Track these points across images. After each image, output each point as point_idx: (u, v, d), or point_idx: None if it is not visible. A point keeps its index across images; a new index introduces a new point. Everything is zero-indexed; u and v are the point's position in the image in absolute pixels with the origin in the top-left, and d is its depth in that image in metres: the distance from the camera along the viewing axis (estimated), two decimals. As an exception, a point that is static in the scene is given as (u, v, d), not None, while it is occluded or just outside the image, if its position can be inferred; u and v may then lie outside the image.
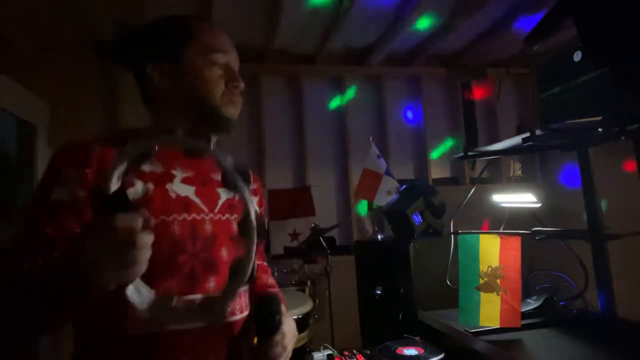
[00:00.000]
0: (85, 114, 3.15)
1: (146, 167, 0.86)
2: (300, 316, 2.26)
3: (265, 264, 1.18)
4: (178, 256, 0.84)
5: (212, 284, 0.86)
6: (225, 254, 0.89)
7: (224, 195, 0.95)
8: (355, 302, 2.13)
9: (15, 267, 0.72)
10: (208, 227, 0.88)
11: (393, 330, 1.55)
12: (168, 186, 0.87)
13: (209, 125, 0.93)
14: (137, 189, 0.83)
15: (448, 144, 4.08)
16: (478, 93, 3.92)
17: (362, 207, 3.78)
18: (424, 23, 3.26)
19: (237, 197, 0.93)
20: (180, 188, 0.88)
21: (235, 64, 0.96)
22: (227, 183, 0.79)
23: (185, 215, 0.86)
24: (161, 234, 0.80)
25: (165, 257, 0.82)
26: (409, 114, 4.08)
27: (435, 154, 4.02)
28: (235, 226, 0.92)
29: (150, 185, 0.85)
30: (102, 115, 3.31)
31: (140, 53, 0.93)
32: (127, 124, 3.55)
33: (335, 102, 3.94)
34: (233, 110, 0.93)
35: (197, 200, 0.89)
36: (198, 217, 0.88)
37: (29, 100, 2.21)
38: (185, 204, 0.87)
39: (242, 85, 0.94)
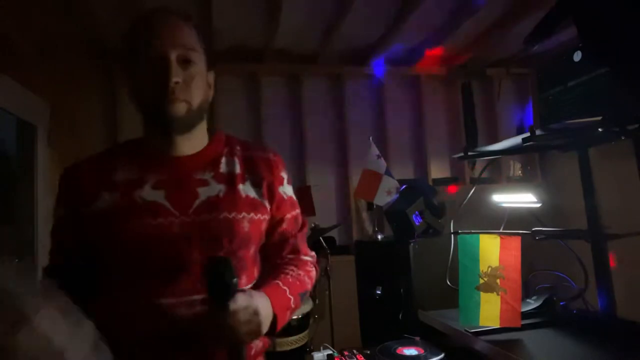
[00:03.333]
0: (85, 114, 3.15)
1: (120, 175, 0.91)
2: (300, 316, 2.26)
3: (305, 258, 1.09)
4: (145, 260, 0.87)
5: (184, 285, 0.86)
6: (197, 254, 0.87)
7: (204, 193, 0.92)
8: (355, 302, 2.13)
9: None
10: (178, 230, 0.87)
11: (393, 330, 1.55)
12: (136, 193, 0.89)
13: (160, 127, 0.91)
14: (102, 201, 0.89)
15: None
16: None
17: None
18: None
19: (221, 194, 0.92)
20: (148, 193, 0.89)
21: (172, 53, 0.87)
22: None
23: (150, 220, 0.86)
24: (127, 240, 0.86)
25: (134, 263, 0.87)
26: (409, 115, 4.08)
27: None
28: (216, 225, 0.89)
29: (117, 195, 0.89)
30: (101, 115, 3.31)
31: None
32: (127, 125, 3.54)
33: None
34: (173, 109, 0.87)
35: (166, 203, 0.88)
36: (165, 221, 0.87)
37: (29, 100, 2.21)
38: (152, 209, 0.87)
39: (173, 81, 0.85)
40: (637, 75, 0.96)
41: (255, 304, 0.82)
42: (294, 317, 2.24)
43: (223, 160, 0.98)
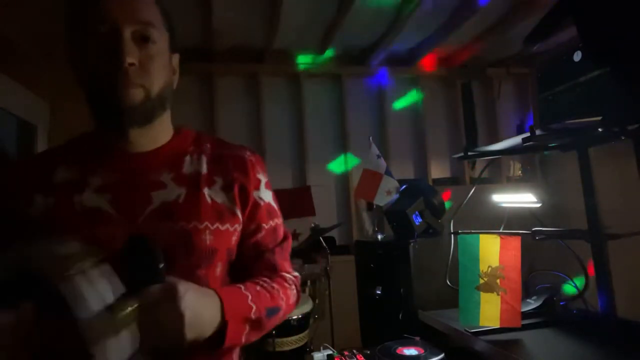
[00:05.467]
0: (85, 114, 3.15)
1: (59, 176, 0.77)
2: (300, 316, 2.26)
3: (284, 274, 0.90)
4: None
5: None
6: None
7: (158, 198, 0.76)
8: (355, 302, 2.13)
9: None
10: (121, 241, 0.69)
11: (393, 330, 1.55)
12: (76, 198, 0.74)
13: (112, 119, 0.75)
14: (35, 207, 0.74)
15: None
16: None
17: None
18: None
19: (180, 199, 0.77)
20: (89, 199, 0.74)
21: (126, 29, 0.72)
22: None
23: (88, 231, 0.71)
24: None
25: None
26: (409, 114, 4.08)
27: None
28: (170, 237, 0.73)
29: (51, 200, 0.74)
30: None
31: None
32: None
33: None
34: (127, 96, 0.72)
35: (110, 210, 0.74)
36: (106, 232, 0.71)
37: (29, 100, 2.21)
38: (92, 218, 0.73)
39: (126, 62, 0.70)
40: (637, 75, 0.96)
41: (181, 292, 0.62)
42: (294, 317, 2.24)
43: (187, 159, 0.82)
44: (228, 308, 0.71)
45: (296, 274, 0.93)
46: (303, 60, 3.81)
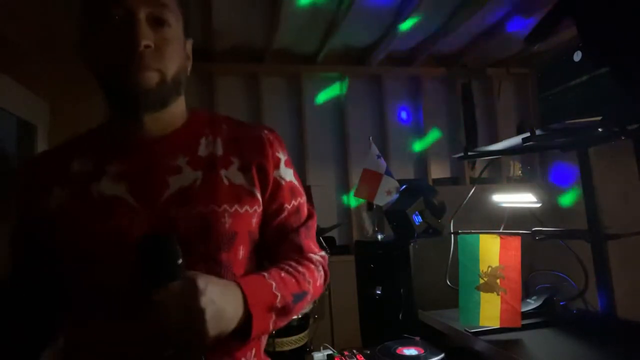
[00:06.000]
0: (85, 114, 3.15)
1: (76, 167, 0.77)
2: (300, 316, 2.26)
3: (311, 255, 0.86)
4: (103, 272, 0.70)
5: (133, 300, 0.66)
6: None
7: (175, 183, 0.74)
8: (355, 302, 2.13)
9: None
10: (141, 231, 0.69)
11: (393, 330, 1.55)
12: (93, 187, 0.73)
13: (127, 104, 0.75)
14: (53, 198, 0.74)
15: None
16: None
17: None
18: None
19: (197, 183, 0.75)
20: (107, 187, 0.73)
21: (141, 10, 0.71)
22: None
23: (108, 220, 0.71)
24: (80, 247, 0.71)
25: (89, 275, 0.72)
26: (405, 114, 4.08)
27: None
28: (187, 223, 0.72)
29: (69, 191, 0.74)
30: (102, 115, 3.30)
31: None
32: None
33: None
34: (143, 79, 0.71)
35: (129, 198, 0.72)
36: (126, 220, 0.71)
37: (29, 100, 2.21)
38: (110, 206, 0.72)
39: (142, 44, 0.69)
40: (637, 75, 0.96)
41: (201, 287, 0.61)
42: (294, 316, 2.24)
43: (202, 141, 0.80)
44: (251, 298, 0.68)
45: (323, 253, 0.90)
46: (303, 60, 3.81)
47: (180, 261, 0.62)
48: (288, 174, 0.87)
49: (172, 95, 0.77)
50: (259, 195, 0.80)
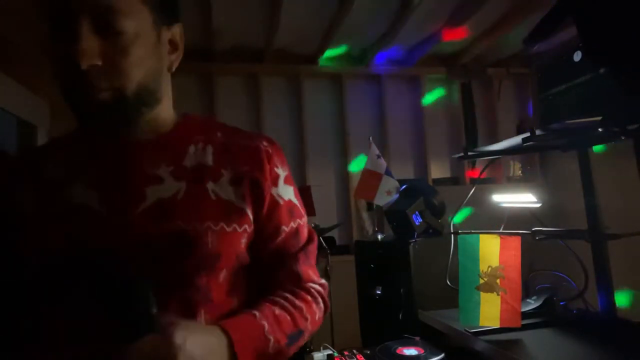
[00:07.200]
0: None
1: (47, 171, 0.69)
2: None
3: (310, 285, 0.79)
4: (66, 289, 0.63)
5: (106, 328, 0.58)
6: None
7: (153, 194, 0.66)
8: (355, 301, 2.13)
9: None
10: (111, 245, 0.63)
11: (393, 330, 1.55)
12: (62, 194, 0.66)
13: (88, 120, 0.66)
14: (20, 205, 0.67)
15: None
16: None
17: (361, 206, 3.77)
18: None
19: (179, 196, 0.67)
20: (77, 194, 0.65)
21: (83, 18, 0.59)
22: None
23: (73, 231, 0.63)
24: (41, 261, 0.64)
25: (52, 292, 0.64)
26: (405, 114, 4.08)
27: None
28: (164, 239, 0.64)
29: (36, 198, 0.67)
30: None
31: None
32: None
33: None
34: (92, 103, 0.61)
35: (98, 207, 0.64)
36: (94, 233, 0.63)
37: (29, 100, 2.21)
38: (77, 216, 0.64)
39: (84, 64, 0.58)
40: (637, 75, 0.96)
41: (178, 343, 0.53)
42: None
43: (191, 149, 0.71)
44: (239, 347, 0.60)
45: (323, 281, 0.82)
46: (303, 60, 3.81)
47: (154, 310, 0.54)
48: (287, 192, 0.78)
49: (142, 106, 0.67)
50: (250, 213, 0.71)
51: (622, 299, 1.30)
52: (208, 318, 0.66)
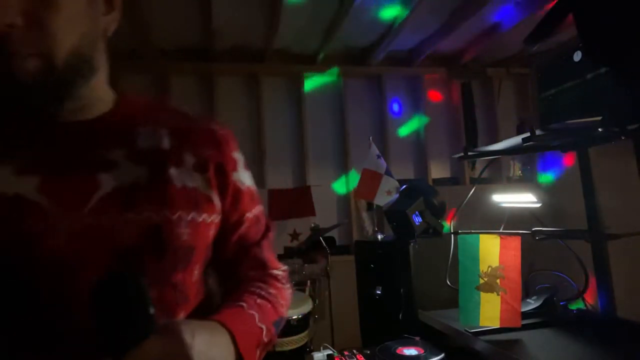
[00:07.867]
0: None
1: None
2: (300, 316, 2.26)
3: (275, 272, 0.77)
4: (5, 299, 0.52)
5: (72, 340, 0.51)
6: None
7: (110, 181, 0.56)
8: (355, 302, 2.13)
9: None
10: (62, 243, 0.52)
11: (393, 330, 1.55)
12: None
13: (9, 96, 0.55)
14: None
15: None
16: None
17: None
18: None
19: (141, 182, 0.58)
20: (11, 182, 0.52)
21: None
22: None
23: (10, 228, 0.51)
24: None
25: None
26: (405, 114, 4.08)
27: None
28: (133, 232, 0.55)
29: None
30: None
31: None
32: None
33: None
34: (17, 71, 0.51)
35: (40, 199, 0.52)
36: (38, 229, 0.51)
37: (29, 100, 2.21)
38: (14, 210, 0.52)
39: (3, 22, 0.49)
40: (638, 75, 0.96)
41: (188, 342, 0.48)
42: (294, 317, 2.24)
43: (141, 130, 0.62)
44: (241, 339, 0.57)
45: (284, 267, 0.79)
46: (303, 60, 3.81)
47: (152, 310, 0.47)
48: (247, 178, 0.73)
49: (76, 77, 0.56)
50: (217, 202, 0.65)
51: (621, 299, 1.30)
52: (184, 319, 0.61)
